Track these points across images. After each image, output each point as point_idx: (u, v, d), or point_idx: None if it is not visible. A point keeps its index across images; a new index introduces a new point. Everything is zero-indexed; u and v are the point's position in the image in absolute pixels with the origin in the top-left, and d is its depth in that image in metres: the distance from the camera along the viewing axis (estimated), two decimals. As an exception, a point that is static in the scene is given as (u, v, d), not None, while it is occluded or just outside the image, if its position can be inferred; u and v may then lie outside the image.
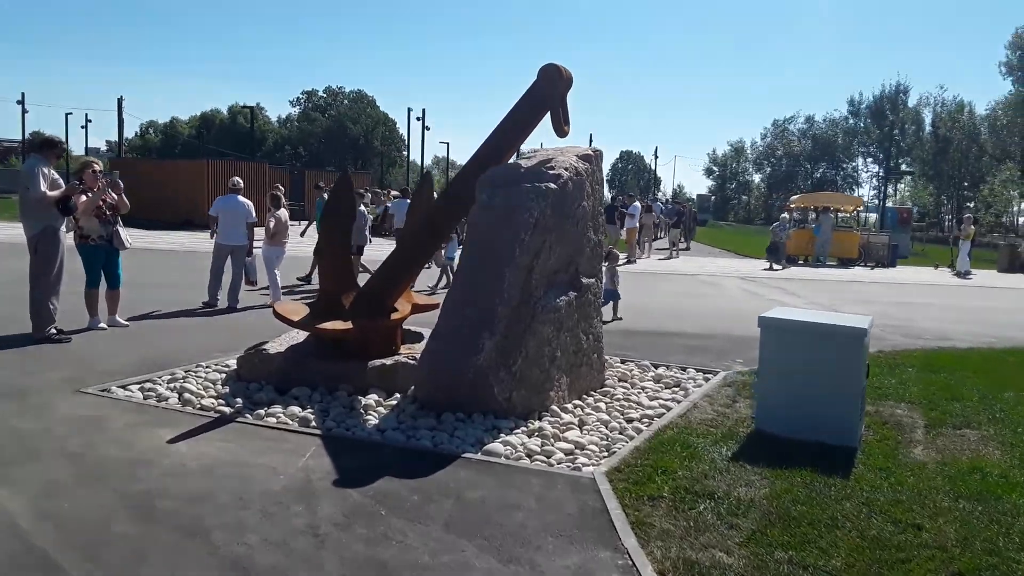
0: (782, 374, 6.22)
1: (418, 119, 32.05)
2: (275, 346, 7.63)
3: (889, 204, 65.88)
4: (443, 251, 14.29)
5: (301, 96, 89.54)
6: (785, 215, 29.54)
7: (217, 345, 9.09)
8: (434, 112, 79.14)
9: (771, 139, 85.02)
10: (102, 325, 9.68)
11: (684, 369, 8.84)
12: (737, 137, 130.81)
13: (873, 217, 60.60)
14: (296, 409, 6.57)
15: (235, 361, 8.08)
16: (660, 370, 8.75)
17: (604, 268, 13.71)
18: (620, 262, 24.71)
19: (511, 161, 7.31)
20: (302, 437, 5.94)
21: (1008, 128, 62.02)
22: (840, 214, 32.67)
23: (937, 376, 8.77)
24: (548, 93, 7.18)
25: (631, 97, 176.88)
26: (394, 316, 7.92)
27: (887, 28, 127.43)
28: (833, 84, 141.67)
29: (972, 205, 64.63)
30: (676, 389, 7.92)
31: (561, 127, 7.29)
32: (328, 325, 7.30)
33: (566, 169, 6.98)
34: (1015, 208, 68.27)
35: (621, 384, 8.02)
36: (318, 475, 5.14)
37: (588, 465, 5.51)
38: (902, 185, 79.01)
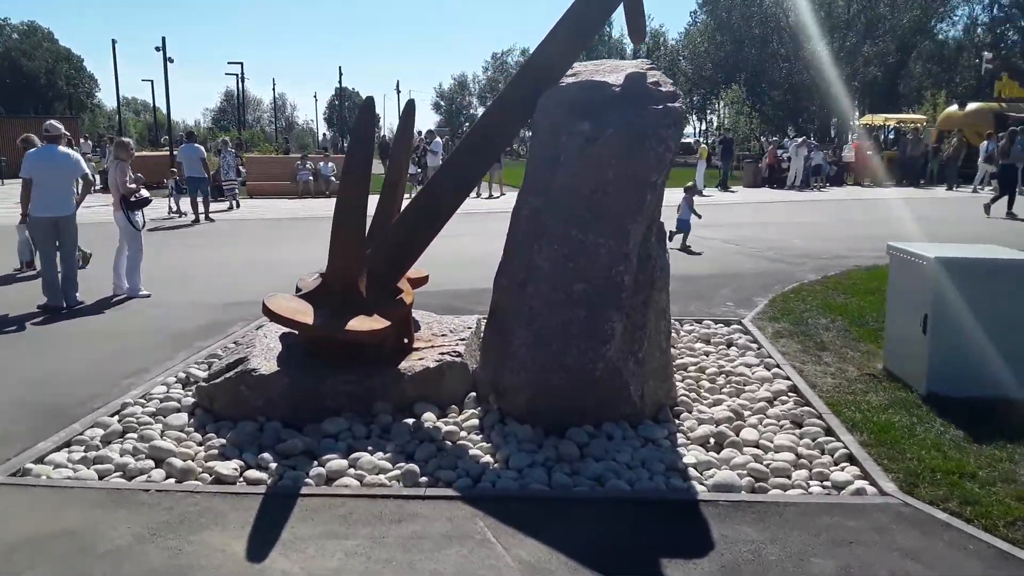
0: (964, 325, 5.25)
1: (157, 49, 26.61)
2: (260, 361, 5.24)
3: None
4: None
5: (-50, 30, 73.84)
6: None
7: (105, 366, 6.30)
8: (131, 44, 68.23)
9: (493, 72, 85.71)
10: (-102, 356, 6.35)
11: (700, 321, 7.67)
12: (460, 71, 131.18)
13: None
14: (368, 457, 4.43)
15: (186, 388, 5.57)
16: (682, 325, 7.49)
17: (683, 199, 12.99)
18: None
19: (597, 79, 5.43)
20: (435, 506, 3.91)
21: (704, 55, 67.73)
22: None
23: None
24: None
25: (363, 32, 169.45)
26: (407, 299, 5.86)
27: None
28: (550, 16, 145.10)
29: (705, 128, 70.07)
30: (736, 348, 6.72)
31: (640, 29, 5.60)
32: (360, 325, 5.09)
33: (672, 84, 5.32)
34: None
35: (676, 350, 6.66)
36: (567, 576, 3.26)
37: (850, 481, 4.13)
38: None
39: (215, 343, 6.88)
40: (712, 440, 4.73)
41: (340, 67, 79.07)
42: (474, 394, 5.37)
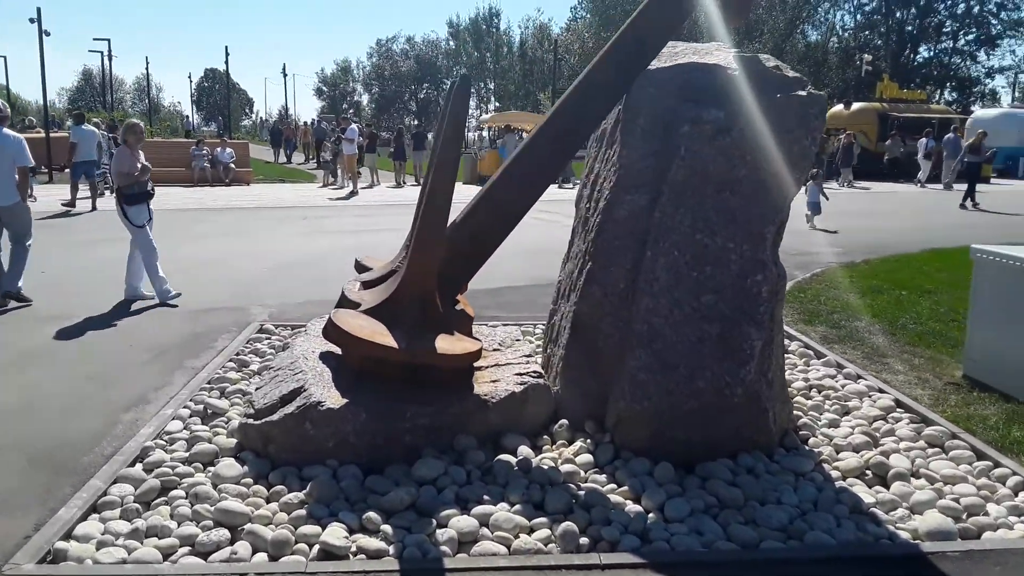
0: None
1: (32, 21, 23.53)
2: (322, 391, 4.29)
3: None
4: None
5: None
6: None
7: (91, 393, 5.14)
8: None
9: (377, 59, 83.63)
10: None
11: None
12: (343, 56, 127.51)
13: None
14: (503, 513, 3.62)
15: (208, 423, 4.54)
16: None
17: (812, 183, 14.06)
18: (342, 192, 21.66)
19: (693, 61, 4.75)
20: None
21: (594, 50, 68.07)
22: (522, 133, 32.57)
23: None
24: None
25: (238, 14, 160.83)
26: (469, 312, 5.06)
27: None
28: (434, 4, 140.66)
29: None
30: (795, 356, 6.25)
31: (745, 6, 4.97)
32: (451, 347, 4.26)
33: (791, 70, 4.72)
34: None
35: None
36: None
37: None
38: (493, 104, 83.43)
39: (210, 361, 5.80)
40: (869, 472, 4.18)
41: (227, 47, 74.89)
42: (565, 422, 4.62)
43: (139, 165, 7.69)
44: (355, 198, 20.72)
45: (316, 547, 3.34)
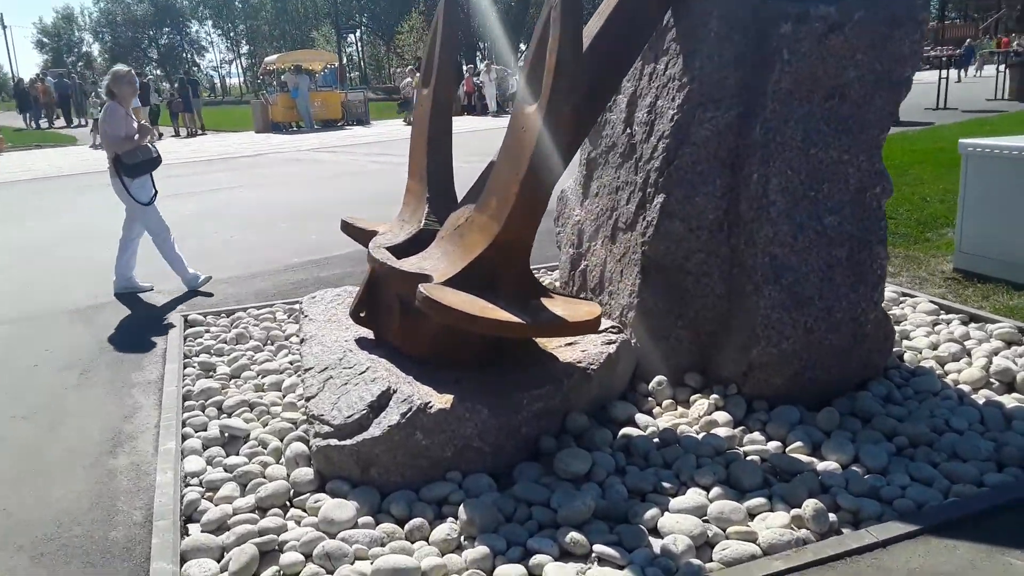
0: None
1: None
2: (415, 390, 3.37)
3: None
4: None
5: None
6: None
7: (31, 443, 3.79)
8: None
9: (106, 4, 74.47)
10: None
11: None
12: (64, 4, 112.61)
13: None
14: (730, 503, 2.99)
15: (232, 450, 3.49)
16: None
17: None
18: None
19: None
20: (904, 554, 2.70)
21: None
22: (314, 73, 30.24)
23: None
24: None
25: None
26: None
27: None
28: None
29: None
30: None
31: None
32: (574, 313, 3.47)
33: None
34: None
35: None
36: None
37: None
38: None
39: (164, 371, 4.54)
40: (994, 381, 3.99)
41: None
42: (663, 378, 4.02)
43: (135, 124, 5.94)
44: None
45: (544, 594, 2.55)
